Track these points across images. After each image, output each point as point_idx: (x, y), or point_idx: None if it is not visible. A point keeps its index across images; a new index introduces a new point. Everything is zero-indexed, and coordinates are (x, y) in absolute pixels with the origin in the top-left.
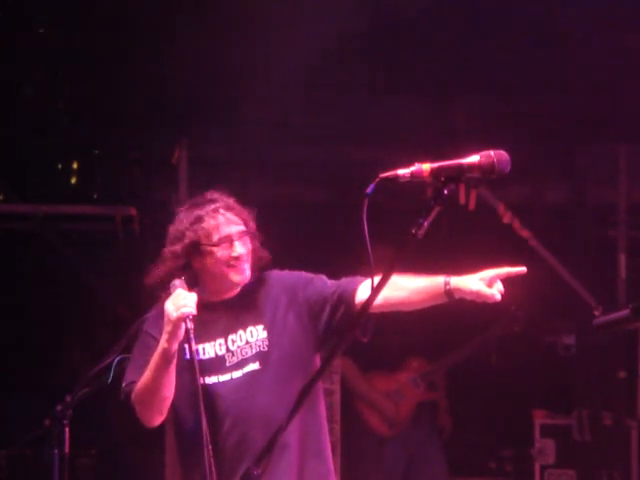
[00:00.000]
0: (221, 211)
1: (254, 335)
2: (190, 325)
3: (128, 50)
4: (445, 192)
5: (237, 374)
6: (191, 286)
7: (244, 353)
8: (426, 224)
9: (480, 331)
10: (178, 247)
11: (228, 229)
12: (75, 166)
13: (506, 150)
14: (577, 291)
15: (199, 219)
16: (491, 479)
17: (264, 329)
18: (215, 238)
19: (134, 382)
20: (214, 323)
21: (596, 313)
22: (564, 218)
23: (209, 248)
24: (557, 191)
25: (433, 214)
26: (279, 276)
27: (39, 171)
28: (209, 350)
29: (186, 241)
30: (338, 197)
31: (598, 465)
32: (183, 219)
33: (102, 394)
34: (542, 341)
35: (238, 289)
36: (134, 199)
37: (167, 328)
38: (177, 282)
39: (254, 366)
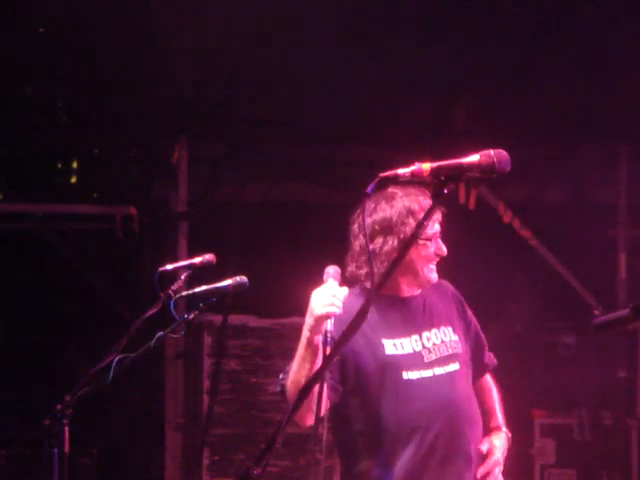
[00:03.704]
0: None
1: (447, 335)
2: (330, 327)
3: (128, 50)
4: (445, 191)
5: (439, 371)
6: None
7: (441, 351)
8: (426, 223)
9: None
10: (390, 239)
11: (437, 226)
12: (75, 166)
13: (506, 150)
14: (577, 291)
15: (412, 212)
16: None
17: (454, 332)
18: (429, 233)
19: (287, 372)
20: (406, 319)
21: (596, 313)
22: (564, 218)
23: (423, 242)
24: (557, 191)
25: (433, 213)
26: (449, 286)
27: (39, 171)
28: (406, 345)
29: (400, 235)
30: (338, 197)
31: (598, 465)
32: (386, 211)
33: (102, 394)
34: (542, 341)
35: (420, 289)
36: (134, 199)
37: (309, 320)
38: (331, 270)
39: (455, 366)
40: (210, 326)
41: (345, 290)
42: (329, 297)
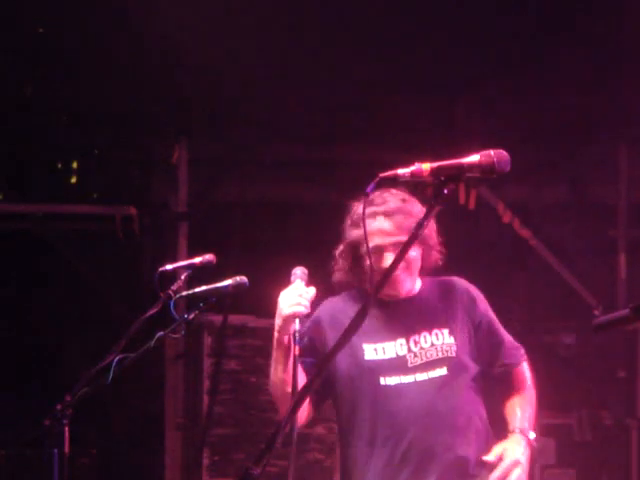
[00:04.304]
0: (378, 218)
1: (440, 338)
2: (298, 327)
3: (128, 50)
4: (445, 192)
5: (422, 377)
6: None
7: (429, 355)
8: (426, 223)
9: None
10: (341, 246)
11: (380, 240)
12: (75, 166)
13: (506, 150)
14: (577, 291)
15: (355, 223)
16: None
17: (450, 334)
18: (370, 245)
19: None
20: (393, 322)
21: (596, 313)
22: (564, 218)
23: (363, 255)
24: (557, 191)
25: (433, 213)
26: (464, 286)
27: (39, 171)
28: (389, 350)
29: (347, 242)
30: (338, 197)
31: (598, 465)
32: (350, 216)
33: (102, 394)
34: (542, 341)
35: (417, 289)
36: (134, 199)
37: (277, 321)
38: (298, 271)
39: (441, 371)
40: (210, 326)
41: (312, 290)
42: (295, 297)
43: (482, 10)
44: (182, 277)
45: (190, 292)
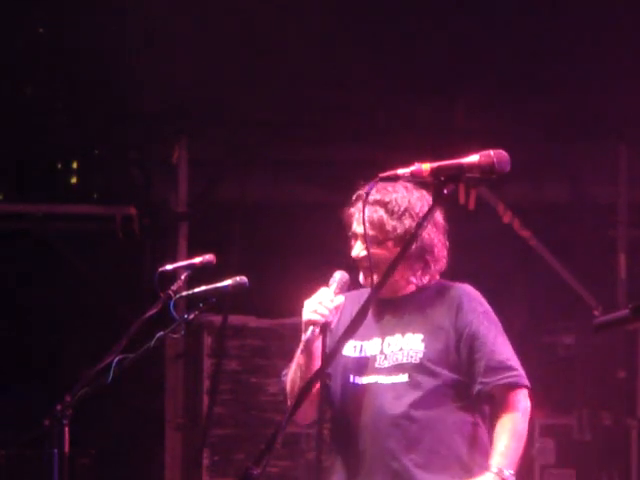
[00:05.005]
0: (358, 205)
1: (409, 343)
2: (310, 335)
3: (128, 50)
4: (445, 192)
5: (384, 380)
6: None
7: (396, 359)
8: (426, 224)
9: None
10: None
11: (354, 227)
12: (75, 166)
13: (506, 150)
14: (577, 291)
15: (352, 203)
16: None
17: (423, 340)
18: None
19: (286, 373)
20: (376, 321)
21: (596, 313)
22: (564, 218)
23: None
24: (557, 191)
25: (433, 213)
26: (458, 293)
27: (39, 171)
28: (367, 348)
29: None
30: (338, 197)
31: (598, 465)
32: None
33: (102, 394)
34: (542, 341)
35: (410, 289)
36: (134, 199)
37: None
38: (337, 276)
39: (402, 377)
40: (210, 326)
41: (340, 298)
42: (315, 304)
43: (482, 10)
44: (182, 277)
45: (190, 292)
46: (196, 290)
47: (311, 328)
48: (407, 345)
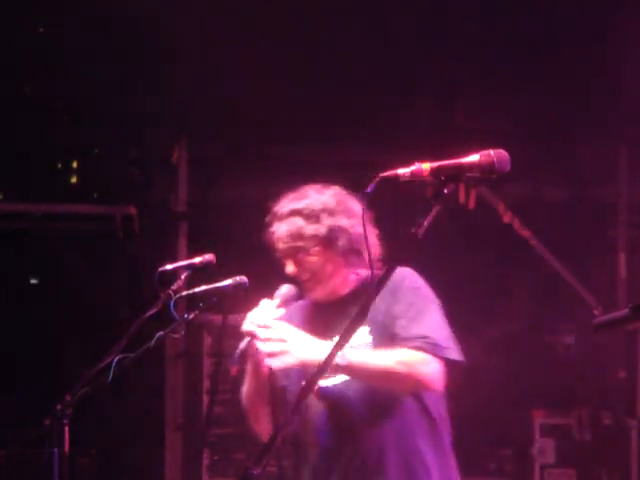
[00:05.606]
0: (275, 224)
1: (359, 338)
2: (244, 345)
3: (128, 50)
4: (445, 191)
5: (341, 378)
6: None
7: None
8: (426, 223)
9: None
10: None
11: (278, 245)
12: (75, 166)
13: (506, 149)
14: (577, 291)
15: (269, 224)
16: (491, 479)
17: (370, 332)
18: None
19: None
20: (323, 322)
21: (596, 313)
22: (564, 218)
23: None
24: (557, 191)
25: (433, 213)
26: (399, 274)
27: (39, 171)
28: None
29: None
30: None
31: (598, 465)
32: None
33: (102, 394)
34: (542, 341)
35: (353, 285)
36: (134, 199)
37: None
38: (284, 289)
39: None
40: (210, 326)
41: (281, 311)
42: (252, 314)
43: (482, 10)
44: (182, 277)
45: (190, 292)
46: (196, 290)
47: (247, 339)
48: (355, 340)
